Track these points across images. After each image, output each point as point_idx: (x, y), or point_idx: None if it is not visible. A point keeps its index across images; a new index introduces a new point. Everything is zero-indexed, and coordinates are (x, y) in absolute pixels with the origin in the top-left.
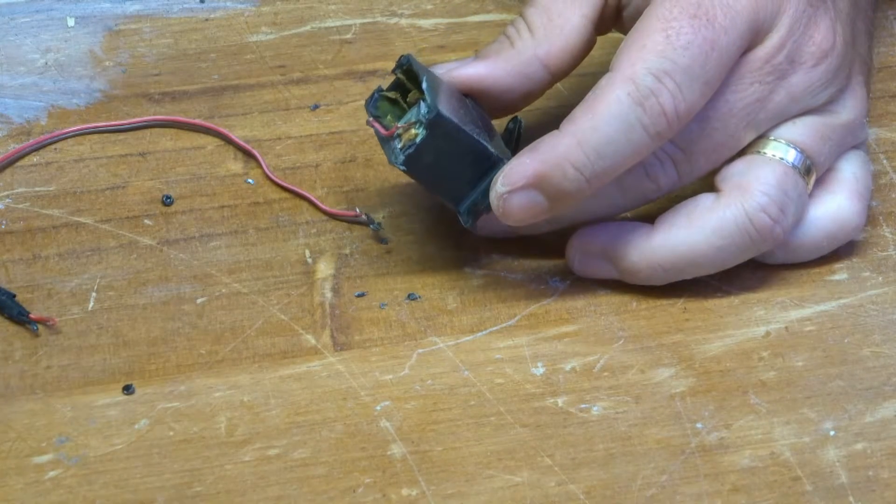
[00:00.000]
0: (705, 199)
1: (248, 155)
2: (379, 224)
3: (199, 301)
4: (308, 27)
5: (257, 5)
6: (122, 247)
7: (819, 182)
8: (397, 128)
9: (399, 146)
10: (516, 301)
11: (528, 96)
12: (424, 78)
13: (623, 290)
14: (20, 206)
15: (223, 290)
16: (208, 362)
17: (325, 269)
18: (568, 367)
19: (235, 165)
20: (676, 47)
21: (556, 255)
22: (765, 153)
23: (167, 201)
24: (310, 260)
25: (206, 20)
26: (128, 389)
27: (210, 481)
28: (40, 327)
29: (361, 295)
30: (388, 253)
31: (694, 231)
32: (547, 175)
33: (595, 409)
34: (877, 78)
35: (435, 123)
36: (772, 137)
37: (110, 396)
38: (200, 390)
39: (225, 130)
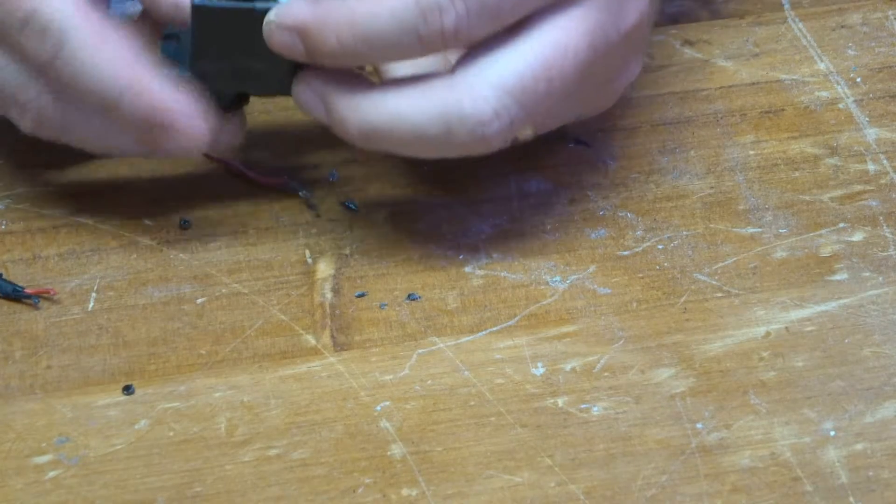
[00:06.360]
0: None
1: None
2: (308, 192)
3: (199, 301)
4: None
5: None
6: (122, 247)
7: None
8: None
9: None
10: (516, 301)
11: None
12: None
13: (623, 290)
14: (20, 206)
15: (223, 291)
16: (208, 362)
17: (325, 269)
18: (568, 368)
19: None
20: None
21: (556, 255)
22: None
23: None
24: (310, 260)
25: None
26: (128, 390)
27: (210, 481)
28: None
29: (361, 295)
30: (388, 253)
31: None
32: (311, 32)
33: (595, 409)
34: (876, 78)
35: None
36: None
37: (110, 396)
38: (200, 390)
39: None
